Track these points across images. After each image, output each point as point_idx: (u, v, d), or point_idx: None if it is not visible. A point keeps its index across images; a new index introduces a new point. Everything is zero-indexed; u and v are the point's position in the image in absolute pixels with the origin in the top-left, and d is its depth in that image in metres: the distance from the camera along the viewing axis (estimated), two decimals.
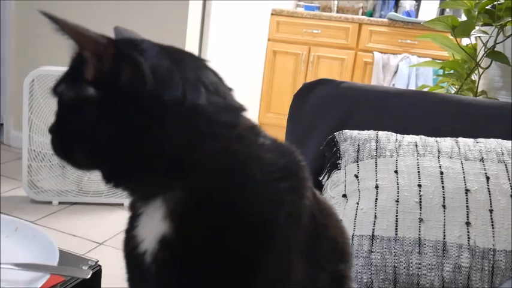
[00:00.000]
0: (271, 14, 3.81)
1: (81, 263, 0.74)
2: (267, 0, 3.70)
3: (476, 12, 1.50)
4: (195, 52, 0.57)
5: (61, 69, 0.55)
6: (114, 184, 0.53)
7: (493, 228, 0.88)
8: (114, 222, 2.24)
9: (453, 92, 1.77)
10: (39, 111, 2.22)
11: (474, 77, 1.66)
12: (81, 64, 0.50)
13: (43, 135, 2.25)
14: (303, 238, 0.53)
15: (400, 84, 3.51)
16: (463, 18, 1.60)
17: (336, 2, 4.35)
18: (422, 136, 1.07)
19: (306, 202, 0.53)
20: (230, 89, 0.55)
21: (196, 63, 0.54)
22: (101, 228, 2.16)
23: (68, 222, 2.19)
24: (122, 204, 2.40)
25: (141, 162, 0.50)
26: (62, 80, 0.53)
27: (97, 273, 0.75)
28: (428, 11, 3.87)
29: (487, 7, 1.51)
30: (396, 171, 0.98)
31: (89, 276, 0.67)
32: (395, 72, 3.60)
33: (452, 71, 1.77)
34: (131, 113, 0.49)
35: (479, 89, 1.60)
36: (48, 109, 2.22)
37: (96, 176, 2.39)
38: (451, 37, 1.70)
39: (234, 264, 0.49)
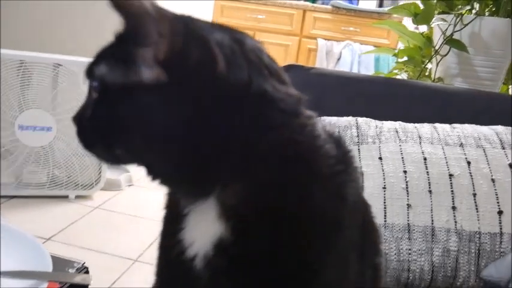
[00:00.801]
0: None
1: (66, 266, 0.67)
2: None
3: (435, 0, 1.53)
4: None
5: None
6: (163, 181, 0.47)
7: (477, 211, 0.91)
8: (61, 215, 2.11)
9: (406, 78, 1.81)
10: None
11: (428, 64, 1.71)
12: (134, 42, 0.43)
13: None
14: (356, 233, 0.50)
15: None
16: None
17: None
18: (400, 122, 1.07)
19: (363, 196, 0.50)
20: (286, 74, 0.51)
21: (254, 43, 0.49)
22: (47, 222, 2.03)
23: (9, 217, 2.02)
24: (67, 197, 2.26)
25: (200, 155, 0.44)
26: (100, 60, 0.46)
27: None
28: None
29: None
30: (380, 158, 0.98)
31: (91, 282, 0.61)
32: (339, 59, 3.66)
33: (406, 58, 1.81)
34: (199, 99, 0.43)
35: (435, 76, 1.65)
36: None
37: (37, 167, 2.23)
38: (404, 24, 1.75)
39: (300, 267, 0.45)
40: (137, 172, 2.64)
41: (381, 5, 3.89)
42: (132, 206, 2.30)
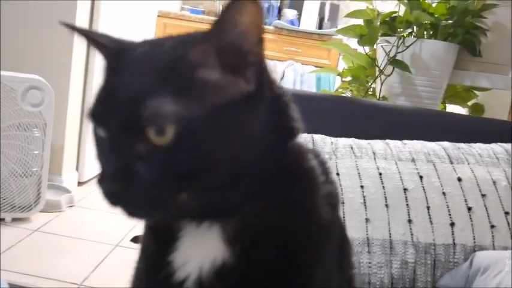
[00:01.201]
0: (158, 16, 3.70)
1: None
2: (153, 1, 3.59)
3: (379, 23, 1.60)
4: (84, 54, 0.50)
5: None
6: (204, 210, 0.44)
7: (431, 224, 0.94)
8: None
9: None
10: None
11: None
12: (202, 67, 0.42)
13: None
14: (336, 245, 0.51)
15: None
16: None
17: (220, 7, 4.37)
18: (354, 138, 1.10)
19: (340, 207, 0.51)
20: None
21: None
22: None
23: None
24: (3, 219, 2.13)
25: (254, 169, 0.42)
26: (151, 98, 0.39)
27: None
28: (308, 21, 4.06)
29: (386, 19, 1.63)
30: (338, 174, 1.00)
31: None
32: (282, 78, 3.73)
33: (350, 78, 1.87)
34: (267, 104, 0.43)
35: (380, 95, 1.72)
36: None
37: None
38: (348, 45, 1.82)
39: (300, 277, 0.44)
40: (79, 193, 2.53)
41: (320, 26, 4.02)
42: (73, 228, 2.19)
